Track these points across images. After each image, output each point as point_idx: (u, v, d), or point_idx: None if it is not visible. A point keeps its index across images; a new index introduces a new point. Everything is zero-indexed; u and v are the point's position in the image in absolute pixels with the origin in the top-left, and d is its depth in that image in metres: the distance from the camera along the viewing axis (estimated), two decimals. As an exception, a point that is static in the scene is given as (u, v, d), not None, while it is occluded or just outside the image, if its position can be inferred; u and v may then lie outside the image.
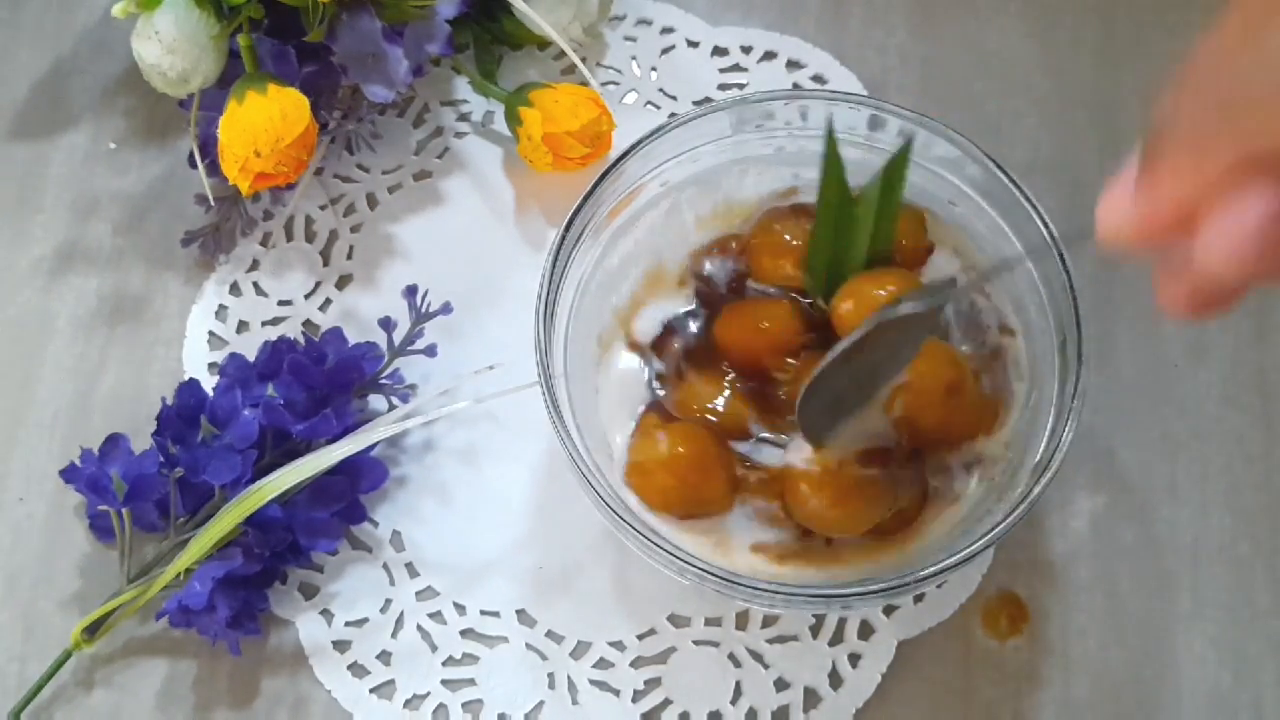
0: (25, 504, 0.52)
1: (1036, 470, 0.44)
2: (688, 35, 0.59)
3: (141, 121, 0.59)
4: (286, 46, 0.52)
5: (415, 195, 0.57)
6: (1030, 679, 0.48)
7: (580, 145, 0.53)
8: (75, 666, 0.49)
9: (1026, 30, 0.59)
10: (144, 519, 0.49)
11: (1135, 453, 0.51)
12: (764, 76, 0.58)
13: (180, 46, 0.50)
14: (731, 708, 0.48)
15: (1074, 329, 0.44)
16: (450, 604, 0.50)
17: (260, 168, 0.49)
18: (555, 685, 0.49)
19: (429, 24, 0.53)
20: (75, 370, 0.54)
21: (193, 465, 0.48)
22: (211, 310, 0.55)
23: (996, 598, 0.49)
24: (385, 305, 0.54)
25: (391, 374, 0.52)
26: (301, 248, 0.56)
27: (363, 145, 0.57)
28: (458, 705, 0.48)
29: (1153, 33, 0.58)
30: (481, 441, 0.52)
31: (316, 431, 0.48)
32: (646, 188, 0.50)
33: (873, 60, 0.58)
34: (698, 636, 0.49)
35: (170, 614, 0.47)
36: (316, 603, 0.50)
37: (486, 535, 0.51)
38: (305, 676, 0.49)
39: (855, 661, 0.48)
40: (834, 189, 0.46)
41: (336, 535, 0.49)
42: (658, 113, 0.58)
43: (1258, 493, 0.51)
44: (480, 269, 0.55)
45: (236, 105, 0.50)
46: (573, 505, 0.50)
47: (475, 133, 0.58)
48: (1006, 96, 0.57)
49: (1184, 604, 0.49)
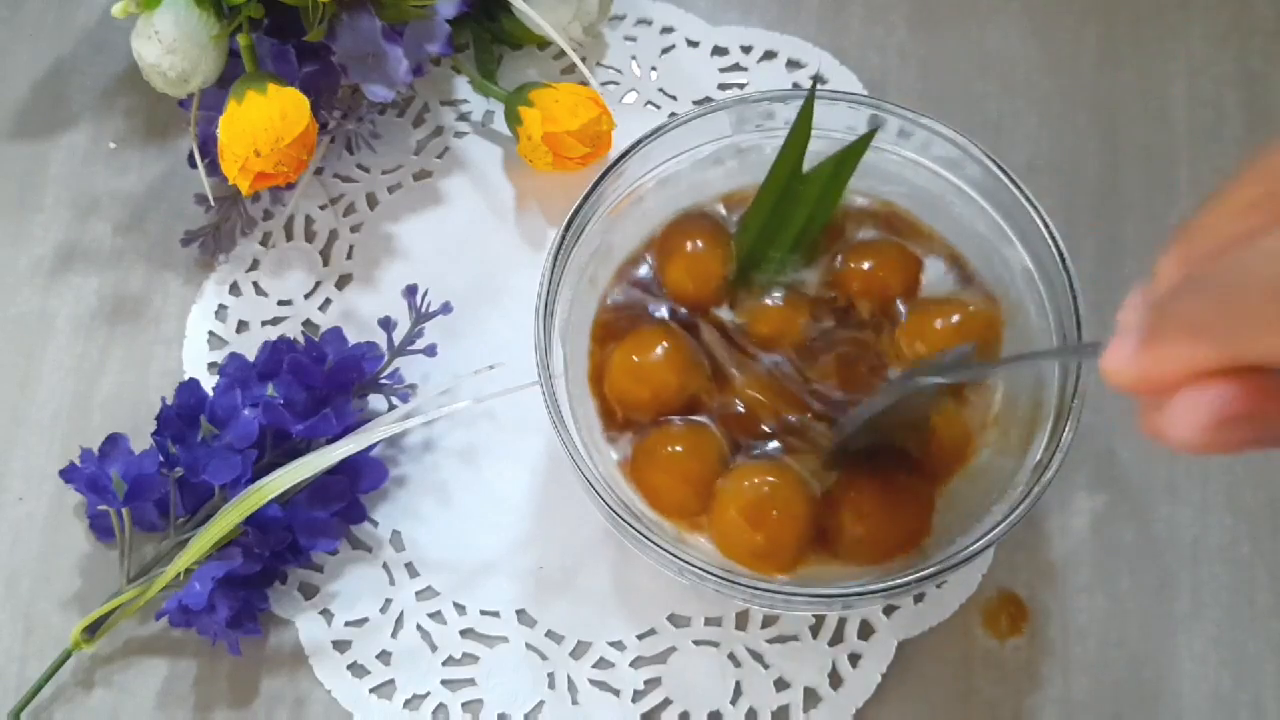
0: (25, 504, 0.52)
1: (1036, 470, 0.44)
2: (688, 35, 0.59)
3: (141, 121, 0.59)
4: (286, 46, 0.52)
5: (415, 195, 0.57)
6: (1030, 679, 0.48)
7: (580, 145, 0.53)
8: (75, 666, 0.49)
9: (1026, 30, 0.59)
10: (144, 519, 0.49)
11: (1135, 453, 0.51)
12: (764, 76, 0.58)
13: (180, 46, 0.50)
14: (731, 708, 0.48)
15: (1074, 329, 0.44)
16: (450, 604, 0.50)
17: (260, 167, 0.49)
18: (555, 685, 0.49)
19: (429, 24, 0.53)
20: (75, 370, 0.54)
21: (193, 465, 0.48)
22: (211, 310, 0.55)
23: (996, 598, 0.49)
24: (385, 305, 0.54)
25: (391, 374, 0.52)
26: (301, 247, 0.56)
27: (363, 145, 0.57)
28: (458, 705, 0.48)
29: (1153, 33, 0.58)
30: (481, 441, 0.52)
31: (316, 431, 0.48)
32: (646, 188, 0.50)
33: (873, 60, 0.58)
34: (698, 636, 0.49)
35: (170, 614, 0.47)
36: (316, 603, 0.50)
37: (486, 535, 0.51)
38: (305, 676, 0.49)
39: (855, 661, 0.48)
40: (790, 160, 0.47)
41: (336, 535, 0.49)
42: (658, 112, 0.58)
43: (1258, 492, 0.51)
44: (480, 269, 0.55)
45: (236, 105, 0.50)
46: (573, 505, 0.50)
47: (475, 132, 0.58)
48: (1006, 96, 0.57)
49: (1184, 604, 0.49)
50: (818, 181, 0.47)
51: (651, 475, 0.46)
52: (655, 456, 0.46)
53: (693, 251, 0.48)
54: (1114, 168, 0.56)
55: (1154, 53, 0.58)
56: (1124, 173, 0.56)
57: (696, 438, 0.46)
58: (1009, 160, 0.47)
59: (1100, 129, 0.56)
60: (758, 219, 0.48)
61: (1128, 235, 0.54)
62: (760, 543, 0.44)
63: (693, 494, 0.46)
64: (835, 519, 0.45)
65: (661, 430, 0.47)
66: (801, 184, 0.47)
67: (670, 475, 0.46)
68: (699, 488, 0.46)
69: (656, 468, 0.46)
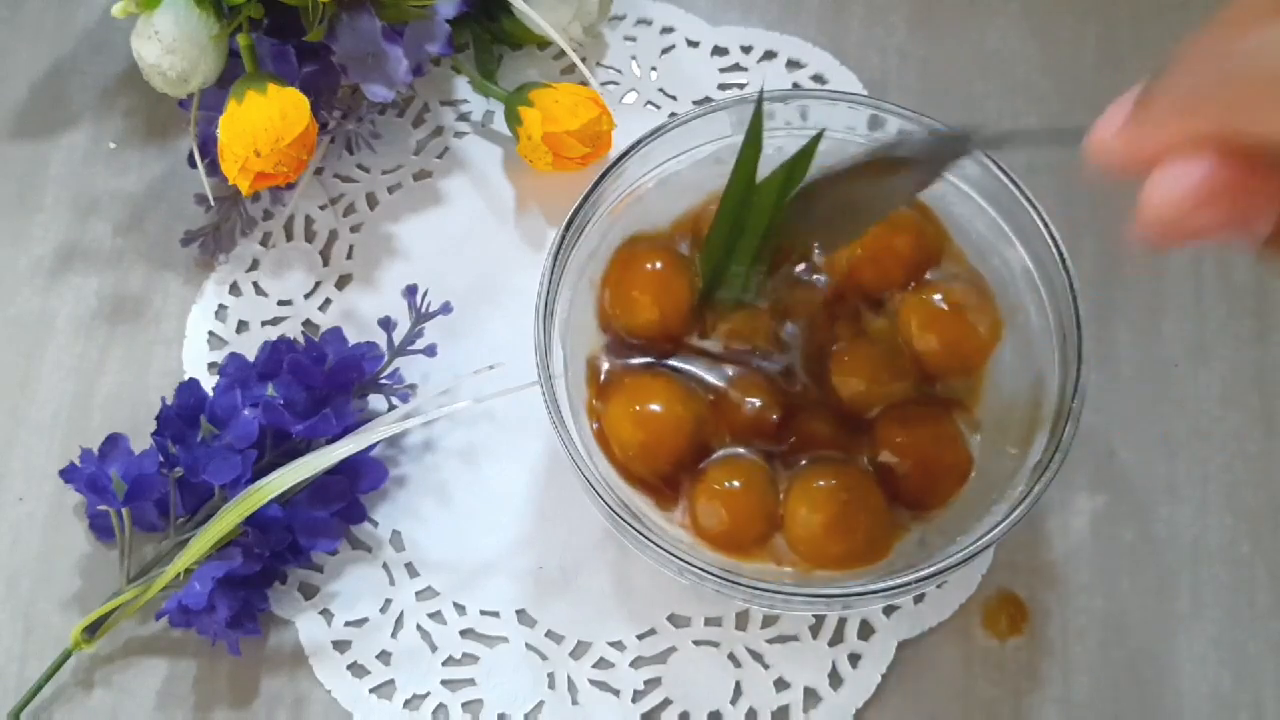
0: (25, 504, 0.52)
1: (1036, 470, 0.44)
2: (688, 35, 0.59)
3: (141, 121, 0.59)
4: (286, 46, 0.52)
5: (415, 195, 0.57)
6: (1030, 679, 0.48)
7: (580, 145, 0.53)
8: (75, 666, 0.49)
9: (1026, 30, 0.59)
10: (144, 519, 0.49)
11: (1135, 453, 0.51)
12: (764, 76, 0.58)
13: (180, 46, 0.50)
14: (731, 708, 0.48)
15: (1074, 329, 0.44)
16: (450, 604, 0.50)
17: (260, 167, 0.49)
18: (555, 685, 0.49)
19: (429, 24, 0.53)
20: (75, 370, 0.54)
21: (193, 465, 0.48)
22: (211, 310, 0.55)
23: (996, 598, 0.49)
24: (385, 305, 0.54)
25: (391, 374, 0.52)
26: (301, 247, 0.56)
27: (363, 145, 0.57)
28: (458, 705, 0.48)
29: (1153, 33, 0.58)
30: (481, 441, 0.52)
31: (316, 431, 0.48)
32: (646, 188, 0.50)
33: (873, 60, 0.58)
34: (698, 636, 0.49)
35: (170, 614, 0.47)
36: (316, 603, 0.50)
37: (486, 535, 0.51)
38: (305, 676, 0.49)
39: (855, 661, 0.48)
40: (744, 171, 0.45)
41: (336, 535, 0.49)
42: (658, 113, 0.58)
43: (1258, 492, 0.51)
44: (480, 269, 0.55)
45: (236, 105, 0.50)
46: (573, 505, 0.50)
47: (475, 132, 0.58)
48: (1006, 96, 0.57)
49: (1184, 604, 0.49)
50: (770, 190, 0.45)
51: (623, 431, 0.46)
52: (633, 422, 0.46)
53: (656, 277, 0.48)
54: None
55: (1154, 53, 0.58)
56: (1124, 173, 0.56)
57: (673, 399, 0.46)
58: (1009, 160, 0.47)
59: (1100, 129, 0.56)
60: (720, 234, 0.46)
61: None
62: (729, 527, 0.45)
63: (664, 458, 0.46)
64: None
65: None
66: (756, 194, 0.45)
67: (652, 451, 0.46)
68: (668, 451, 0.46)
69: (634, 427, 0.46)
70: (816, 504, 0.45)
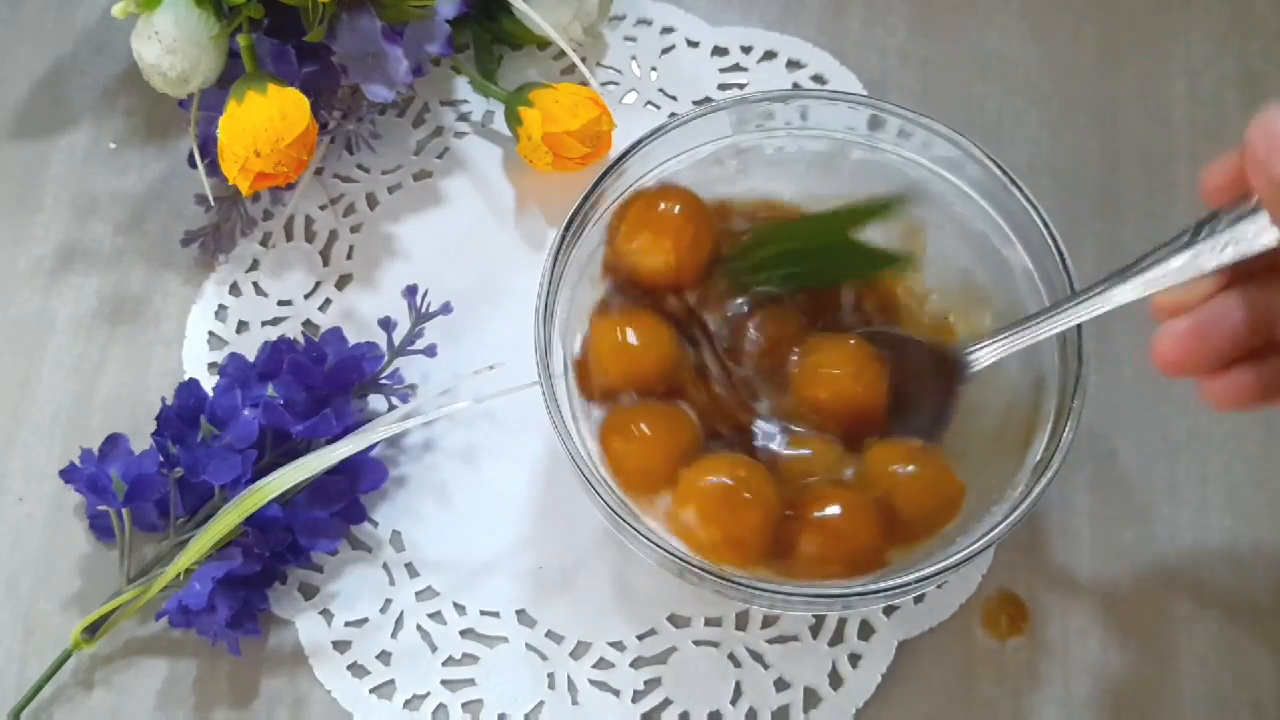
0: (25, 504, 0.52)
1: (1036, 470, 0.44)
2: (688, 35, 0.59)
3: (141, 121, 0.59)
4: (286, 46, 0.52)
5: (415, 195, 0.57)
6: (1030, 679, 0.48)
7: (580, 145, 0.53)
8: (75, 666, 0.49)
9: (1026, 30, 0.59)
10: (144, 519, 0.49)
11: (1135, 453, 0.51)
12: (764, 76, 0.58)
13: (180, 46, 0.50)
14: (731, 708, 0.48)
15: (1074, 329, 0.44)
16: (450, 604, 0.50)
17: (260, 168, 0.49)
18: (555, 685, 0.49)
19: (429, 24, 0.53)
20: (75, 370, 0.54)
21: (193, 465, 0.48)
22: (211, 310, 0.55)
23: (996, 598, 0.49)
24: (385, 305, 0.54)
25: (391, 374, 0.52)
26: (301, 248, 0.56)
27: (363, 145, 0.57)
28: (458, 705, 0.48)
29: (1153, 33, 0.58)
30: (481, 441, 0.52)
31: (316, 431, 0.48)
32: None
33: (873, 60, 0.58)
34: (698, 636, 0.49)
35: (170, 614, 0.47)
36: (316, 603, 0.50)
37: (486, 535, 0.51)
38: (305, 676, 0.49)
39: (855, 661, 0.48)
40: (839, 227, 0.48)
41: (336, 535, 0.49)
42: (658, 113, 0.58)
43: (1258, 493, 0.51)
44: (480, 269, 0.55)
45: (236, 105, 0.50)
46: (573, 505, 0.50)
47: (475, 133, 0.58)
48: (1006, 96, 0.57)
49: (1184, 604, 0.49)
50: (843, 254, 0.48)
51: (616, 442, 0.46)
52: (624, 428, 0.46)
53: (679, 221, 0.48)
54: (1114, 168, 0.56)
55: (1154, 53, 0.58)
56: (1124, 173, 0.56)
57: (670, 417, 0.46)
58: (1009, 160, 0.47)
59: (1100, 129, 0.56)
60: (775, 244, 0.48)
61: (1128, 235, 0.54)
62: (717, 537, 0.44)
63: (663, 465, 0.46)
64: (791, 533, 0.44)
65: (636, 407, 0.47)
66: (837, 250, 0.48)
67: (641, 446, 0.46)
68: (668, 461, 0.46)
69: (625, 437, 0.46)
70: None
